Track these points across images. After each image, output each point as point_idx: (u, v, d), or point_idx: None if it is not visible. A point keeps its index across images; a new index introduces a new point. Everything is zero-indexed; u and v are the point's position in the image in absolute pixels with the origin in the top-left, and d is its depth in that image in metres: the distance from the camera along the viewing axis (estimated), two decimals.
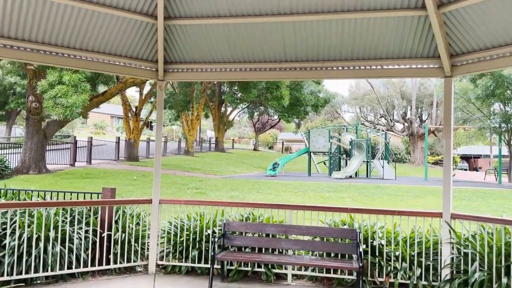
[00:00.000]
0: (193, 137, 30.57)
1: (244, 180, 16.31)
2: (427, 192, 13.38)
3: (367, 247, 5.82)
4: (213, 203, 6.58)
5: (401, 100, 44.61)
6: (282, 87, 18.90)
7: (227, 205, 6.51)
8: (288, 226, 6.01)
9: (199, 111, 31.07)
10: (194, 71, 6.51)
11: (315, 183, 15.85)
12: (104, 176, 14.98)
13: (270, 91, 19.12)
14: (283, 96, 19.08)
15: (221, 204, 6.55)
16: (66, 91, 11.45)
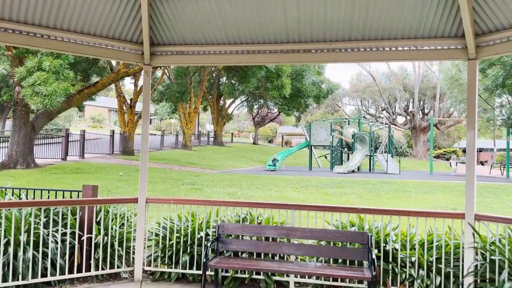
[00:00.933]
0: (190, 130, 29.86)
1: (243, 175, 15.63)
2: (436, 188, 12.72)
3: (379, 251, 5.18)
4: (206, 202, 5.88)
5: (404, 93, 43.81)
6: (283, 76, 17.97)
7: (222, 204, 5.82)
8: (290, 228, 5.34)
9: (196, 104, 30.34)
10: (185, 54, 5.81)
11: (317, 178, 15.18)
12: (96, 171, 14.30)
13: (270, 80, 18.15)
14: (284, 86, 18.15)
15: (215, 203, 5.86)
16: (46, 78, 10.63)
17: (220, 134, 40.17)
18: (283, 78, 18.14)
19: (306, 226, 5.44)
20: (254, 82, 16.18)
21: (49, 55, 11.52)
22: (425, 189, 12.50)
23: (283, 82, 18.12)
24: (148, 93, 5.97)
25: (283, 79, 18.13)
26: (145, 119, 5.88)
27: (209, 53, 5.71)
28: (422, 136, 42.34)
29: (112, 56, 5.95)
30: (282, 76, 18.05)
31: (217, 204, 5.81)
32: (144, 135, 5.88)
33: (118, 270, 5.57)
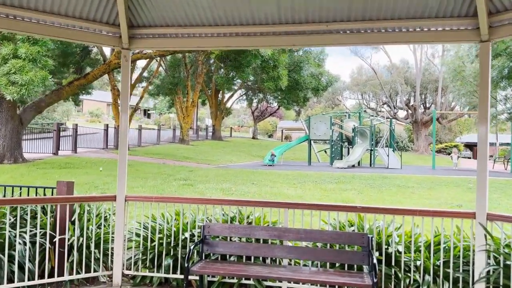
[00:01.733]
0: (188, 124, 29.34)
1: (239, 170, 15.12)
2: (439, 183, 12.21)
3: (381, 254, 4.70)
4: (189, 200, 5.38)
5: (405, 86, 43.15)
6: (279, 67, 17.18)
7: (207, 202, 5.31)
8: (283, 229, 4.85)
9: (194, 98, 29.78)
10: (168, 37, 5.26)
11: (316, 173, 14.66)
12: (86, 166, 13.81)
13: (266, 71, 17.42)
14: (280, 77, 17.31)
15: (199, 201, 5.35)
16: (22, 67, 9.99)
17: (218, 128, 39.65)
18: (280, 69, 17.37)
19: (301, 226, 4.95)
20: (249, 72, 15.46)
21: (26, 42, 10.84)
22: (428, 184, 12.00)
23: (279, 73, 17.34)
24: (127, 81, 5.44)
25: (279, 70, 17.36)
26: (124, 110, 5.35)
27: (194, 36, 5.17)
28: (424, 130, 41.78)
29: (87, 40, 5.40)
30: (279, 66, 17.24)
31: (202, 202, 5.30)
32: (123, 128, 5.35)
33: (95, 274, 5.13)
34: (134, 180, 11.30)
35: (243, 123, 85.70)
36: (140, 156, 18.58)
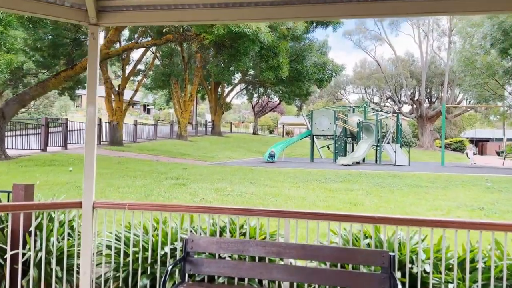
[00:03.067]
0: (186, 119, 28.40)
1: (237, 168, 14.18)
2: (453, 182, 11.27)
3: (404, 275, 3.81)
4: (170, 207, 4.42)
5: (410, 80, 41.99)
6: (279, 55, 15.94)
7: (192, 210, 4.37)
8: (283, 244, 3.92)
9: (192, 92, 28.83)
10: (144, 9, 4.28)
11: (319, 171, 13.71)
12: (72, 163, 12.90)
13: (265, 60, 16.19)
14: (280, 66, 15.92)
15: (182, 209, 4.40)
16: None
17: (218, 124, 38.69)
18: (280, 57, 15.93)
19: (305, 240, 4.03)
20: (247, 61, 14.33)
21: None
22: (442, 183, 11.05)
23: (280, 62, 15.87)
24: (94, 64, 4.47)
25: (280, 58, 15.92)
26: (91, 100, 4.38)
27: (176, 8, 4.20)
28: (429, 125, 40.73)
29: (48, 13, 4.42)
30: (279, 55, 15.90)
31: (185, 210, 4.35)
32: (90, 121, 4.39)
33: None
34: (122, 179, 10.39)
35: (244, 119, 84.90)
36: (134, 153, 17.67)
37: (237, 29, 12.51)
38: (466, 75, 21.13)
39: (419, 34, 40.28)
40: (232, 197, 8.83)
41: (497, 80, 19.58)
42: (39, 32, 17.88)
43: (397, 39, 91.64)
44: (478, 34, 17.66)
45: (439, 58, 43.07)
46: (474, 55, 20.09)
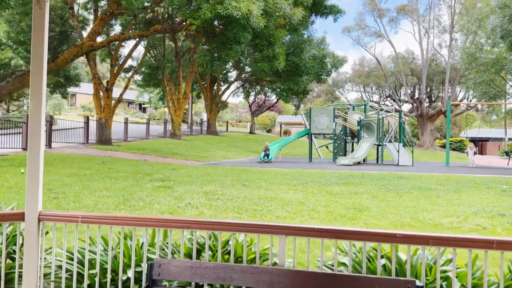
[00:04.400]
0: (180, 118, 27.37)
1: (230, 168, 13.19)
2: (466, 184, 10.32)
3: None
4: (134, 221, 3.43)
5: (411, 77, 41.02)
6: (275, 44, 14.72)
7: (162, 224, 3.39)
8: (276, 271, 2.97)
9: (186, 89, 27.80)
10: None
11: (318, 172, 12.74)
12: (52, 163, 11.89)
13: (259, 49, 14.74)
14: (276, 56, 14.47)
15: (147, 222, 3.40)
16: None
17: (214, 123, 37.68)
18: (275, 47, 14.20)
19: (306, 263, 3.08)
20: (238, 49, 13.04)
21: None
22: (453, 185, 10.10)
23: (275, 52, 14.17)
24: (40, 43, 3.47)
25: (275, 48, 14.20)
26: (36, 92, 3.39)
27: None
28: (429, 124, 39.85)
29: None
30: (274, 44, 14.10)
31: (150, 223, 3.37)
32: (34, 117, 3.39)
33: None
34: (101, 181, 9.39)
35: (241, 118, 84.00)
36: (121, 152, 16.65)
37: (225, 12, 11.28)
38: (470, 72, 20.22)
39: (420, 31, 39.39)
40: (222, 201, 7.86)
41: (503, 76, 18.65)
42: (22, 25, 16.88)
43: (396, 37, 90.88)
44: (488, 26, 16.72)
45: (440, 55, 42.17)
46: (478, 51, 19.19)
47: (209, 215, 6.88)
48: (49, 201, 7.55)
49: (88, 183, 9.05)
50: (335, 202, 7.85)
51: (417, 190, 9.35)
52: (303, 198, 8.21)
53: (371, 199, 8.30)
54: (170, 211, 7.16)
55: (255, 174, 11.72)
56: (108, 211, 7.09)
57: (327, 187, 9.35)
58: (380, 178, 10.92)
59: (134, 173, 10.75)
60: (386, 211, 7.34)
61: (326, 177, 11.08)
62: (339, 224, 6.70)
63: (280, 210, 7.28)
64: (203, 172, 11.77)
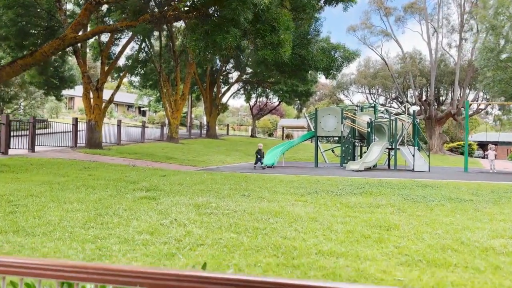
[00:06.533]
0: (177, 120, 26.01)
1: (228, 175, 11.76)
2: (503, 194, 8.87)
3: None
4: None
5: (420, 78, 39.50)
6: (280, 29, 11.86)
7: (58, 276, 1.86)
8: None
9: (184, 90, 26.46)
10: None
11: (328, 179, 11.29)
12: (27, 169, 10.49)
13: (261, 35, 12.00)
14: (281, 43, 11.96)
15: (28, 272, 1.89)
16: None
17: (213, 125, 36.31)
18: (280, 32, 11.96)
19: None
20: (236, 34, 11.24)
21: None
22: (488, 195, 8.65)
23: (280, 38, 11.93)
24: None
25: (280, 33, 11.95)
26: None
27: None
28: (438, 127, 38.36)
29: None
30: (279, 29, 11.91)
31: (33, 273, 1.88)
32: None
33: None
34: (75, 191, 7.97)
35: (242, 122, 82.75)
36: (111, 156, 15.26)
37: None
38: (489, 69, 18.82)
39: (428, 30, 37.93)
40: (216, 216, 6.44)
41: None
42: (4, 19, 15.56)
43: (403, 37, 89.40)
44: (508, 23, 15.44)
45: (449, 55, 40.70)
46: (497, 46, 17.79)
47: (198, 237, 5.46)
48: (3, 217, 6.14)
49: (59, 193, 7.63)
50: (355, 218, 6.42)
51: (448, 201, 7.91)
52: (314, 212, 6.78)
53: (397, 213, 6.86)
54: (151, 230, 5.74)
55: (257, 181, 10.29)
56: (73, 230, 5.68)
57: (342, 198, 7.92)
58: (401, 187, 9.48)
59: (116, 181, 9.34)
60: (419, 230, 5.91)
61: (338, 185, 9.65)
62: (363, 247, 5.27)
63: (287, 228, 5.86)
64: (197, 179, 10.35)
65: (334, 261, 4.80)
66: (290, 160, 22.66)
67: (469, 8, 35.78)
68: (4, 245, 4.82)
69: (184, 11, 11.26)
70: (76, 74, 33.79)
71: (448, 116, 37.78)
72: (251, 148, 28.77)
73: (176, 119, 25.99)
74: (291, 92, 34.75)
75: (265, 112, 51.26)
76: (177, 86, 26.01)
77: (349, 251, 5.13)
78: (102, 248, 5.00)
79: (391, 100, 44.71)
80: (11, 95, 37.53)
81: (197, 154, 20.23)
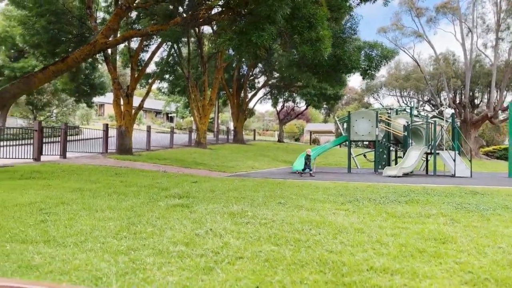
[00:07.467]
0: (205, 125, 25.88)
1: (261, 181, 11.36)
2: None
3: None
4: None
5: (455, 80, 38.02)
6: (318, 24, 11.09)
7: None
8: None
9: (212, 95, 26.34)
10: None
11: (367, 186, 10.71)
12: (58, 176, 10.42)
13: (298, 32, 11.27)
14: (321, 39, 11.19)
15: None
16: None
17: (240, 131, 36.08)
18: (319, 28, 11.11)
19: None
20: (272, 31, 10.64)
21: None
22: None
23: (319, 34, 11.10)
24: None
25: (319, 29, 11.10)
26: None
27: None
28: (473, 131, 36.78)
29: None
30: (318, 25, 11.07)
31: None
32: None
33: None
34: (107, 198, 7.76)
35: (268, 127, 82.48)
36: (141, 162, 15.16)
37: None
38: None
39: (462, 31, 36.50)
40: (253, 226, 6.05)
41: None
42: (36, 26, 15.80)
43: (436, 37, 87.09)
44: None
45: (485, 56, 39.02)
46: None
47: (237, 249, 5.06)
48: (34, 226, 5.94)
49: (90, 201, 7.43)
50: (405, 230, 5.88)
51: (504, 210, 7.22)
52: (359, 222, 6.28)
53: (451, 224, 6.27)
54: (186, 241, 5.39)
55: (291, 188, 9.84)
56: (105, 240, 5.40)
57: (387, 207, 7.36)
58: (449, 194, 8.82)
59: (148, 187, 9.10)
60: (479, 243, 5.32)
61: (379, 192, 9.08)
62: (419, 263, 4.73)
63: (332, 241, 5.38)
64: (229, 185, 10.00)
65: (389, 279, 4.29)
66: (320, 165, 22.08)
67: (506, 6, 34.24)
68: (35, 257, 4.58)
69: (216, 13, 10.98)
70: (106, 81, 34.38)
71: (484, 119, 36.16)
72: (279, 154, 28.31)
73: (204, 125, 25.88)
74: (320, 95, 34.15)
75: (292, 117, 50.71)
76: (205, 92, 25.92)
77: (404, 267, 4.61)
78: (136, 260, 4.67)
79: (424, 102, 43.24)
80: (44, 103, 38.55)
81: (225, 160, 19.95)
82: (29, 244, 4.98)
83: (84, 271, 4.26)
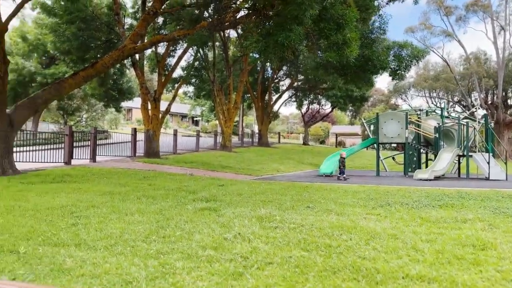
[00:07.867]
0: (230, 129, 25.96)
1: (287, 184, 11.24)
2: None
3: None
4: None
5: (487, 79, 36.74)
6: (347, 26, 10.79)
7: None
8: None
9: (237, 99, 26.40)
10: None
11: (399, 190, 10.41)
12: (88, 179, 10.62)
13: (325, 34, 10.97)
14: (348, 42, 10.92)
15: None
16: None
17: (265, 133, 36.02)
18: (347, 30, 10.81)
19: None
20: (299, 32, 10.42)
21: None
22: None
23: (346, 37, 10.79)
24: None
25: (347, 32, 10.80)
26: None
27: None
28: (507, 132, 35.43)
29: None
30: (346, 27, 10.77)
31: None
32: None
33: None
34: (136, 201, 7.82)
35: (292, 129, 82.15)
36: (168, 165, 15.30)
37: None
38: None
39: (494, 29, 35.27)
40: (282, 231, 5.94)
41: None
42: (67, 33, 16.25)
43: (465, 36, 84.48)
44: None
45: None
46: None
47: (266, 254, 4.96)
48: (66, 229, 6.03)
49: (120, 204, 7.51)
50: (441, 235, 5.64)
51: None
52: (392, 228, 6.07)
53: (490, 230, 5.98)
54: (214, 245, 5.33)
55: (319, 191, 9.68)
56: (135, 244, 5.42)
57: (421, 212, 7.11)
58: (485, 198, 8.46)
59: (176, 191, 9.14)
60: None
61: (411, 196, 8.80)
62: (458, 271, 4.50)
63: (364, 247, 5.21)
64: (256, 189, 9.92)
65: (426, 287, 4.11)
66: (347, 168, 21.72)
67: None
68: (66, 260, 4.62)
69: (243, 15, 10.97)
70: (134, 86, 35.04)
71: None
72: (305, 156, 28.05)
73: (229, 128, 25.97)
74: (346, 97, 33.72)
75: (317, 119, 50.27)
76: (230, 95, 26.02)
77: (441, 275, 4.40)
78: (165, 264, 4.65)
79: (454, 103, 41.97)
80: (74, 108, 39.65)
81: (250, 163, 19.91)
82: (61, 247, 5.04)
83: (114, 275, 4.26)
